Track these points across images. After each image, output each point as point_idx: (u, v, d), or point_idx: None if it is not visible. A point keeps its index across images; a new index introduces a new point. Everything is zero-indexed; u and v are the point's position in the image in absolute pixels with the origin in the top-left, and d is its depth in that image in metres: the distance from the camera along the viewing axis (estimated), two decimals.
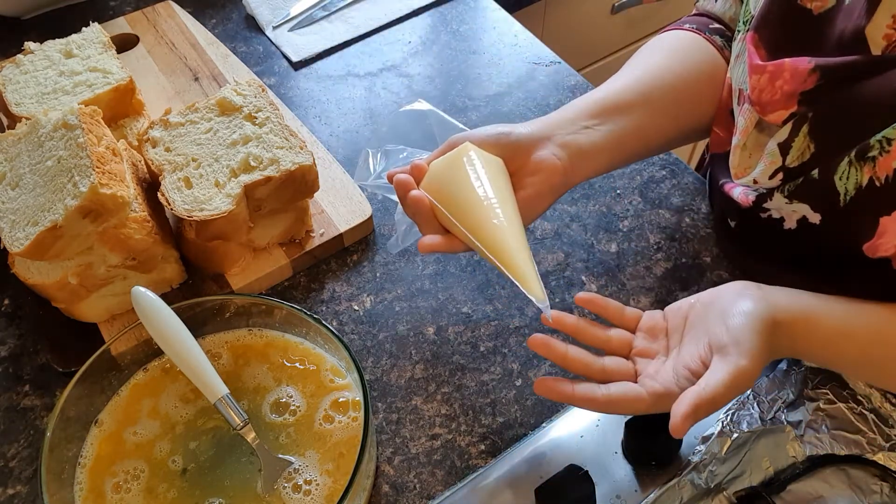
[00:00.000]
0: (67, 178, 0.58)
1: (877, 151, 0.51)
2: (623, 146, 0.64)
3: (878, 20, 0.51)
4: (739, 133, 0.62)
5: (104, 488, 0.54)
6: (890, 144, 0.50)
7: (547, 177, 0.60)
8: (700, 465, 0.54)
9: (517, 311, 0.69)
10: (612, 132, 0.63)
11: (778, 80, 0.55)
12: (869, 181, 0.51)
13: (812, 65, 0.53)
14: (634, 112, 0.65)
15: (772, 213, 0.60)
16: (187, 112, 0.70)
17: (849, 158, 0.52)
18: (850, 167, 0.52)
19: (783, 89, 0.55)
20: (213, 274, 0.69)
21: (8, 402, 0.64)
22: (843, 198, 0.54)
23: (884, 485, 0.55)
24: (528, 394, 0.63)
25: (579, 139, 0.62)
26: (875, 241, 0.53)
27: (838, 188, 0.53)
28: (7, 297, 0.71)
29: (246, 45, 0.96)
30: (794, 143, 0.56)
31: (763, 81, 0.56)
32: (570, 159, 0.61)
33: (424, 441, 0.61)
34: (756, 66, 0.57)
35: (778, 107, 0.56)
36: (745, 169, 0.62)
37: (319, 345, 0.60)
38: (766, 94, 0.56)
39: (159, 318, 0.56)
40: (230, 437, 0.56)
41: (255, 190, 0.65)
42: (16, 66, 0.76)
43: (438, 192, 0.59)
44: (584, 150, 0.62)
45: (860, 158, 0.52)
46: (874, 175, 0.51)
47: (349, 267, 0.73)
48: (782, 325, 0.52)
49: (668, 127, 0.67)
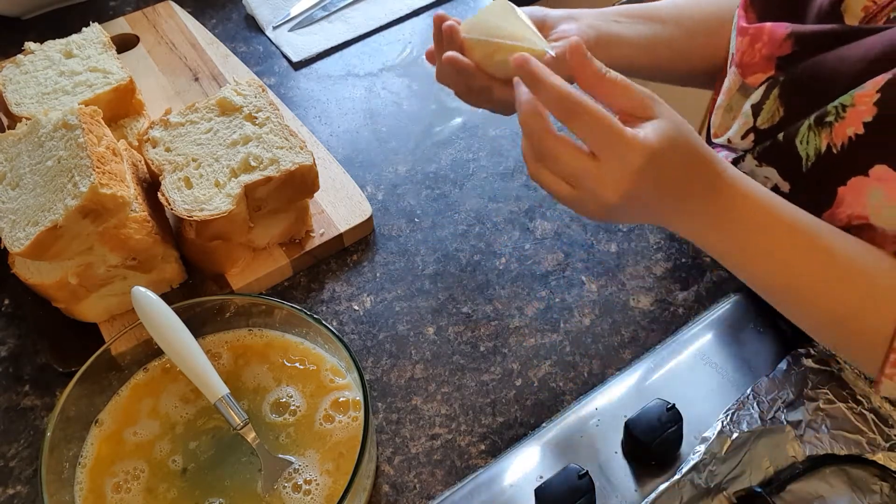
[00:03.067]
0: (67, 178, 0.58)
1: (833, 117, 0.52)
2: (648, 51, 0.66)
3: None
4: (724, 94, 0.63)
5: (104, 488, 0.54)
6: (845, 111, 0.51)
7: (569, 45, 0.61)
8: (700, 465, 0.54)
9: (517, 311, 0.69)
10: (641, 33, 0.65)
11: (757, 44, 0.57)
12: (827, 148, 0.52)
13: (788, 31, 0.55)
14: (666, 24, 0.67)
15: None
16: (187, 112, 0.70)
17: (808, 123, 0.53)
18: (809, 132, 0.53)
19: (761, 52, 0.57)
20: (213, 274, 0.69)
21: (8, 402, 0.64)
22: (804, 163, 0.54)
23: (884, 485, 0.55)
24: (528, 394, 0.63)
25: (608, 27, 0.64)
26: (833, 210, 0.54)
27: (800, 153, 0.54)
28: (7, 297, 0.71)
29: (246, 45, 0.96)
30: (765, 106, 0.57)
31: (745, 44, 0.58)
32: (595, 39, 0.63)
33: (424, 441, 0.61)
34: (741, 28, 0.59)
35: (757, 70, 0.58)
36: (723, 129, 0.63)
37: (319, 345, 0.60)
38: (747, 56, 0.58)
39: (159, 318, 0.56)
40: (230, 437, 0.56)
41: (255, 190, 0.65)
42: (16, 66, 0.76)
43: (469, 31, 0.61)
44: (611, 38, 0.64)
45: (819, 124, 0.53)
46: (831, 142, 0.52)
47: (349, 267, 0.73)
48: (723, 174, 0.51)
49: (693, 52, 0.69)
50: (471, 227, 0.75)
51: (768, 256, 0.52)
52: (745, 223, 0.52)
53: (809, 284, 0.52)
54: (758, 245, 0.52)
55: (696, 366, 0.63)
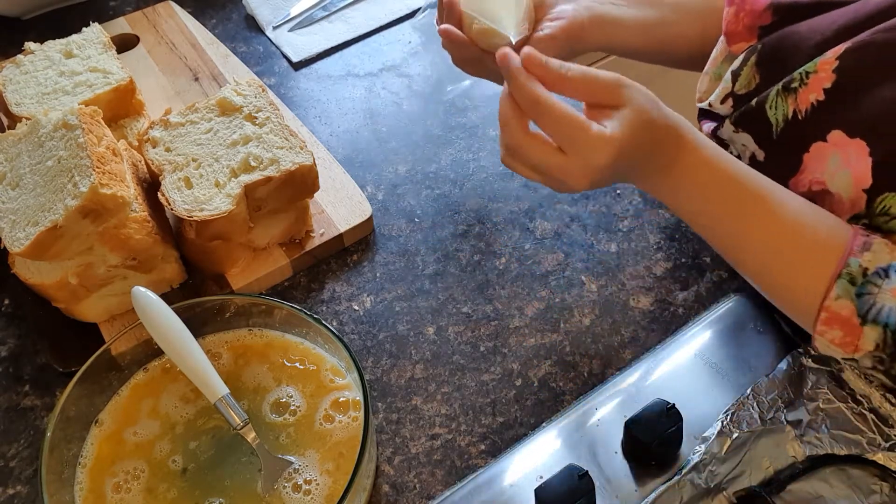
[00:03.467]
0: (67, 178, 0.58)
1: (798, 83, 0.54)
2: (645, 32, 0.67)
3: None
4: (710, 62, 0.66)
5: (104, 488, 0.54)
6: (808, 78, 0.53)
7: (565, 24, 0.63)
8: (700, 465, 0.54)
9: (517, 311, 0.69)
10: (638, 16, 0.67)
11: (741, 13, 0.60)
12: (793, 114, 0.55)
13: (768, 1, 0.58)
14: (662, 8, 0.68)
15: (731, 149, 0.63)
16: (187, 112, 0.70)
17: (776, 89, 0.56)
18: (777, 98, 0.56)
19: (744, 22, 0.59)
20: (213, 274, 0.69)
21: (8, 402, 0.64)
22: (774, 129, 0.57)
23: (884, 485, 0.55)
24: (528, 394, 0.63)
25: (605, 8, 0.66)
26: (797, 176, 0.56)
27: (770, 118, 0.57)
28: (7, 297, 0.71)
29: (246, 45, 0.96)
30: (743, 72, 0.60)
31: (731, 14, 0.61)
32: (590, 19, 0.65)
33: (424, 441, 0.61)
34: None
35: (740, 39, 0.60)
36: (707, 95, 0.65)
37: (319, 345, 0.60)
38: (732, 25, 0.61)
39: (159, 318, 0.56)
40: (230, 437, 0.56)
41: (255, 190, 0.65)
42: (16, 66, 0.76)
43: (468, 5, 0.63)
44: (607, 19, 0.65)
45: (786, 90, 0.55)
46: (796, 108, 0.54)
47: (349, 267, 0.73)
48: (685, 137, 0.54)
49: (691, 33, 0.70)
50: (471, 227, 0.75)
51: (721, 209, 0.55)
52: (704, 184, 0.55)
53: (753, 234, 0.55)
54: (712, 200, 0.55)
55: (696, 366, 0.63)
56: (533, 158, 0.54)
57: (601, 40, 0.66)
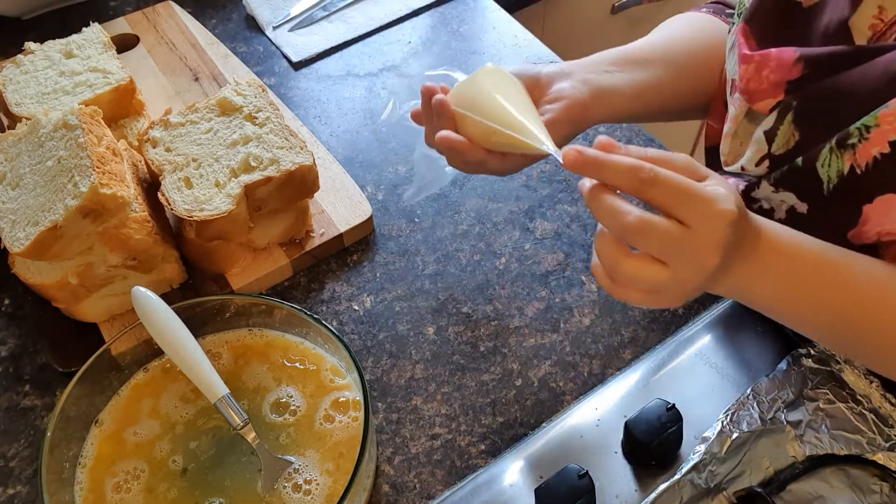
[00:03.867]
0: (67, 178, 0.58)
1: (856, 139, 0.51)
2: (641, 97, 0.65)
3: (864, 10, 0.52)
4: (730, 121, 0.62)
5: (104, 488, 0.54)
6: (869, 132, 0.50)
7: (566, 105, 0.61)
8: (700, 465, 0.54)
9: (517, 311, 0.69)
10: (632, 81, 0.65)
11: (764, 70, 0.56)
12: (850, 169, 0.52)
13: (797, 55, 0.54)
14: (655, 67, 0.66)
15: (762, 203, 0.61)
16: (187, 112, 0.70)
17: (830, 146, 0.53)
18: (831, 154, 0.53)
19: (769, 78, 0.56)
20: (214, 274, 0.69)
21: (8, 402, 0.64)
22: (826, 186, 0.54)
23: (884, 485, 0.55)
24: (528, 394, 0.63)
25: (600, 79, 0.63)
26: (859, 228, 0.54)
27: (821, 176, 0.54)
28: (7, 297, 0.71)
29: (246, 45, 0.96)
30: (780, 131, 0.56)
31: (750, 71, 0.57)
32: (590, 94, 0.62)
33: (424, 441, 0.61)
34: (744, 55, 0.58)
35: (765, 96, 0.57)
36: (734, 157, 0.62)
37: (319, 345, 0.60)
38: (754, 83, 0.57)
39: (159, 318, 0.56)
40: (230, 437, 0.56)
41: (256, 190, 0.65)
42: (16, 66, 0.76)
43: (459, 103, 0.59)
44: (605, 90, 0.63)
45: (841, 146, 0.52)
46: (854, 163, 0.51)
47: (349, 267, 0.73)
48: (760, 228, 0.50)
49: (685, 90, 0.69)
50: (471, 227, 0.75)
51: (820, 301, 0.52)
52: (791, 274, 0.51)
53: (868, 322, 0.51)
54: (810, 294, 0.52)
55: (696, 366, 0.63)
56: (657, 234, 0.46)
57: (603, 113, 0.64)
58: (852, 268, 0.52)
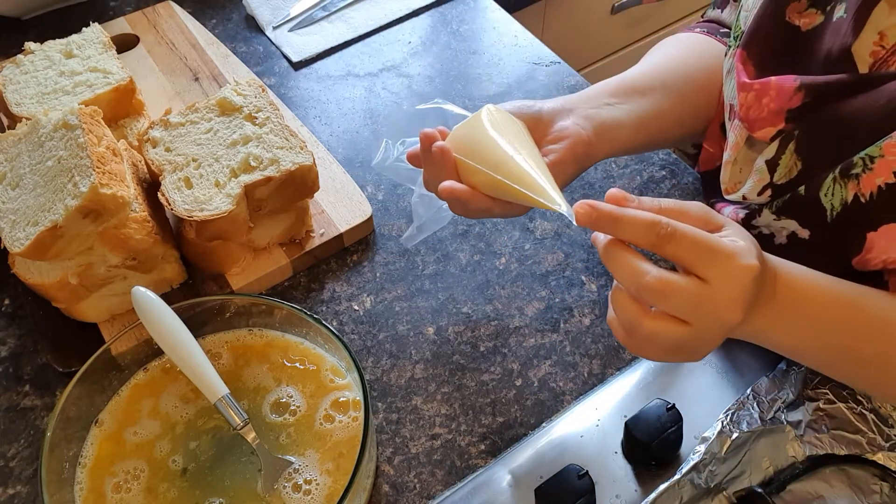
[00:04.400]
0: (67, 178, 0.58)
1: (860, 169, 0.50)
2: (644, 127, 0.65)
3: (864, 37, 0.51)
4: (730, 149, 0.62)
5: (104, 488, 0.54)
6: (873, 162, 0.50)
7: (570, 145, 0.59)
8: (700, 465, 0.54)
9: (517, 311, 0.69)
10: (633, 112, 0.64)
11: (764, 98, 0.55)
12: (854, 198, 0.51)
13: (798, 83, 0.53)
14: (654, 96, 0.65)
15: (762, 229, 0.60)
16: (187, 112, 0.70)
17: (833, 175, 0.52)
18: (834, 184, 0.52)
19: (769, 107, 0.55)
20: (213, 274, 0.69)
21: (8, 402, 0.64)
22: (829, 214, 0.53)
23: (884, 485, 0.55)
24: (528, 394, 0.63)
25: (602, 113, 0.62)
26: (863, 255, 0.53)
27: (824, 204, 0.53)
28: (7, 297, 0.71)
29: (246, 45, 0.96)
30: (782, 161, 0.56)
31: (750, 99, 0.56)
32: (593, 130, 0.61)
33: (424, 441, 0.61)
34: (743, 83, 0.57)
35: (765, 124, 0.56)
36: (735, 184, 0.62)
37: (319, 345, 0.60)
38: (754, 111, 0.56)
39: (159, 318, 0.56)
40: (230, 437, 0.56)
41: (256, 190, 0.65)
42: (16, 66, 0.76)
43: (460, 148, 0.57)
44: (607, 124, 0.62)
45: (844, 175, 0.51)
46: (859, 192, 0.51)
47: (349, 267, 0.73)
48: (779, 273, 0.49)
49: (685, 115, 0.68)
50: (471, 227, 0.75)
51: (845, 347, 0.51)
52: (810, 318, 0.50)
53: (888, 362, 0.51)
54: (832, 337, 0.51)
55: (696, 366, 0.63)
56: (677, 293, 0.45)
57: (607, 149, 0.62)
58: (869, 305, 0.51)
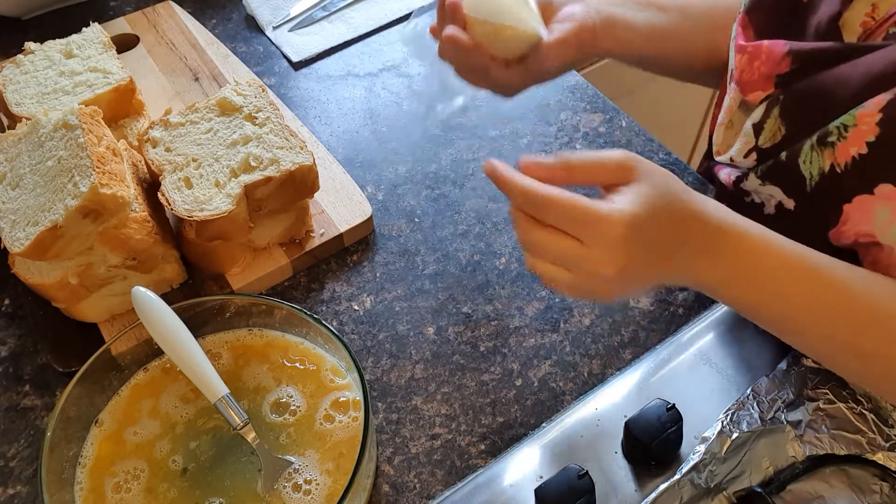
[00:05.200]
0: (67, 178, 0.58)
1: (835, 137, 0.51)
2: (651, 39, 0.65)
3: (857, 7, 0.52)
4: (724, 111, 0.63)
5: (104, 488, 0.54)
6: (847, 131, 0.50)
7: (576, 28, 0.61)
8: (700, 465, 0.54)
9: (517, 311, 0.69)
10: (647, 21, 0.65)
11: (756, 62, 0.56)
12: (830, 167, 0.52)
13: (787, 48, 0.54)
14: (671, 15, 0.66)
15: (753, 197, 0.61)
16: (187, 112, 0.70)
17: (811, 143, 0.53)
18: (812, 152, 0.53)
19: (760, 70, 0.56)
20: (213, 274, 0.69)
21: (8, 402, 0.64)
22: (809, 183, 0.54)
23: (884, 485, 0.55)
24: (528, 394, 0.63)
25: (615, 11, 0.64)
26: (839, 228, 0.54)
27: (803, 172, 0.54)
28: (7, 297, 0.71)
29: (246, 45, 0.96)
30: (766, 124, 0.57)
31: (744, 62, 0.58)
32: (601, 22, 0.62)
33: (424, 441, 0.61)
34: (739, 45, 0.58)
35: (756, 87, 0.57)
36: (725, 147, 0.63)
37: (319, 345, 0.60)
38: (746, 74, 0.58)
39: (159, 318, 0.56)
40: (230, 437, 0.56)
41: (256, 190, 0.65)
42: (16, 66, 0.76)
43: (473, 7, 0.60)
44: (617, 22, 0.63)
45: (821, 143, 0.52)
46: (835, 161, 0.52)
47: (349, 267, 0.73)
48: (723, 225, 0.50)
49: (699, 46, 0.68)
50: (471, 227, 0.75)
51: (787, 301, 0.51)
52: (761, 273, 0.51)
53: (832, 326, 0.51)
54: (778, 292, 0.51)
55: (696, 366, 0.63)
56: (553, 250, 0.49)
57: (612, 46, 0.64)
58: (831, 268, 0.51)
